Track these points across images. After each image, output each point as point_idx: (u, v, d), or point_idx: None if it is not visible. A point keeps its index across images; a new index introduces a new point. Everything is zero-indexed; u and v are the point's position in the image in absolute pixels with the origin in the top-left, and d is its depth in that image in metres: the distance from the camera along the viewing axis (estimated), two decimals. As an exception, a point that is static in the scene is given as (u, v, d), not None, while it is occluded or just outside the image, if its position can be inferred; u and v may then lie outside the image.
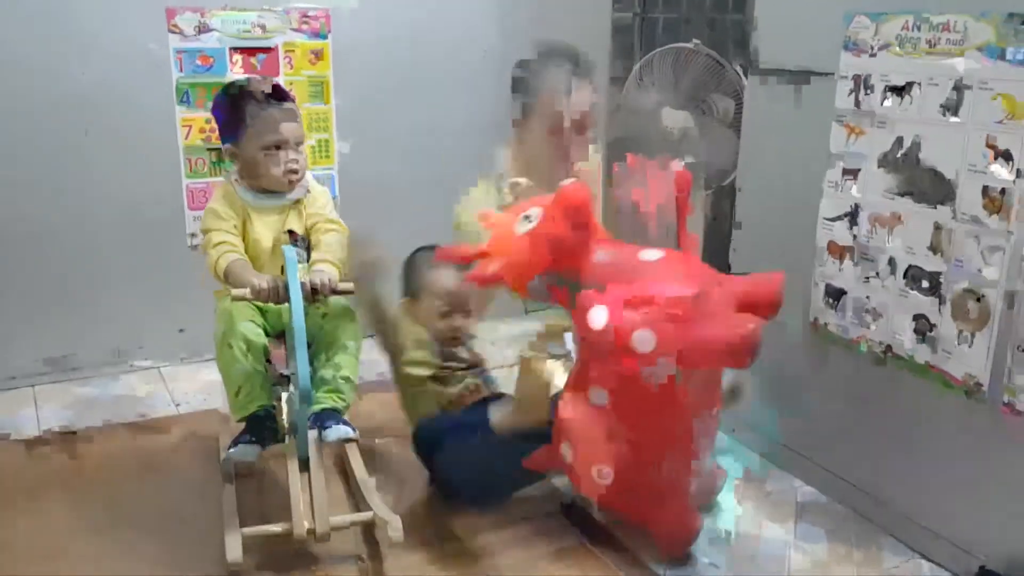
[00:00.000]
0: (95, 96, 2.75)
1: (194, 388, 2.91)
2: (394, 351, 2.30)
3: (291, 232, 2.22)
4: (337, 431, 2.06)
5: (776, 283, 1.91)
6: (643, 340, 1.74)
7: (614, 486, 1.81)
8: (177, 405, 2.81)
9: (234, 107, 2.16)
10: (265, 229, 2.20)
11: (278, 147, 2.14)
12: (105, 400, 2.82)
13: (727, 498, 2.24)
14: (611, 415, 1.84)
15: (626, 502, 1.98)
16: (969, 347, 1.88)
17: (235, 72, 2.85)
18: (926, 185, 1.93)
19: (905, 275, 2.00)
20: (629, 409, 1.85)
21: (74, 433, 2.58)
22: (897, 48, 1.96)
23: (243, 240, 2.18)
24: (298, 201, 2.24)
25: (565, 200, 1.91)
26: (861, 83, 2.05)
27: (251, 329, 2.09)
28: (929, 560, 2.02)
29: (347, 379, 2.18)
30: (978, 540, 1.92)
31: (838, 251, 2.16)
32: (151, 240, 2.95)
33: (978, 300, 1.86)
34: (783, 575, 1.98)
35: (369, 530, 2.08)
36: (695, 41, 2.62)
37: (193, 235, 2.93)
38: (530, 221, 1.97)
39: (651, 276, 1.84)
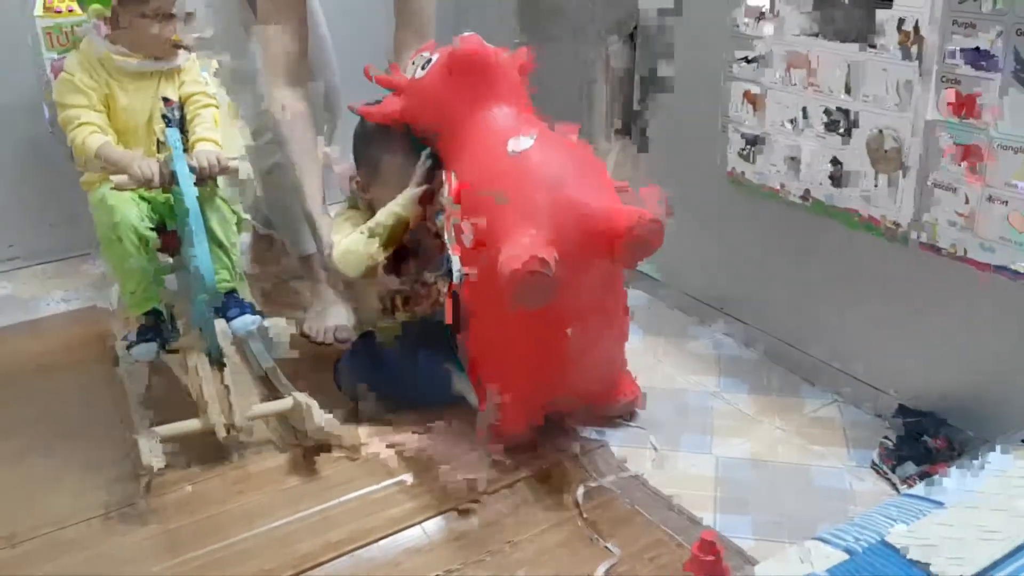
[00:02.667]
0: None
1: (79, 284, 2.73)
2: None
3: (166, 100, 2.02)
4: (244, 322, 1.95)
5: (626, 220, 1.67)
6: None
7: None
8: (67, 303, 2.64)
9: None
10: (138, 96, 2.01)
11: (159, 13, 1.96)
12: (-18, 305, 2.63)
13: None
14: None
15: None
16: (888, 187, 1.86)
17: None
18: (841, 22, 1.86)
19: (822, 118, 1.95)
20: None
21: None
22: None
23: (110, 111, 1.99)
24: (172, 69, 2.05)
25: (453, 54, 1.80)
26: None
27: (139, 219, 1.92)
28: (850, 402, 2.05)
29: (231, 252, 2.04)
30: (897, 381, 1.95)
31: (752, 97, 2.09)
32: (9, 130, 2.70)
33: (894, 139, 1.82)
34: (708, 425, 1.99)
35: (284, 418, 2.00)
36: None
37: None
38: (422, 68, 1.86)
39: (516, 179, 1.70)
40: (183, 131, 1.96)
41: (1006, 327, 1.72)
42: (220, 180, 2.01)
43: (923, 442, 1.80)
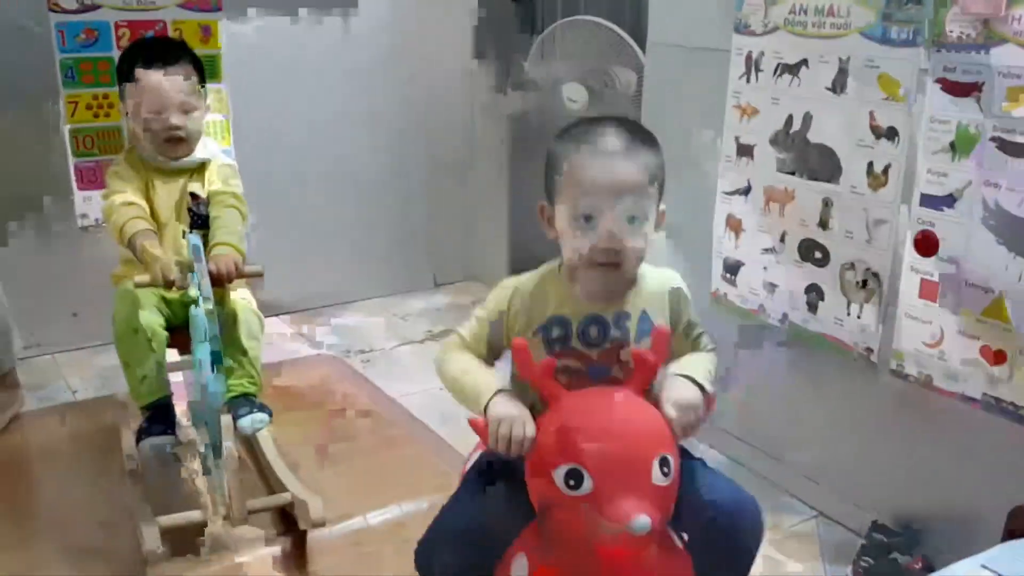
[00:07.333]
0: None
1: (90, 374, 2.83)
2: None
3: (193, 195, 2.16)
4: (252, 420, 2.02)
5: None
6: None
7: None
8: (74, 392, 2.73)
9: (125, 68, 2.12)
10: (166, 195, 2.14)
11: (159, 112, 2.08)
12: (-4, 391, 2.72)
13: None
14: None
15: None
16: (859, 316, 1.98)
17: (122, 47, 2.73)
18: (815, 162, 2.01)
19: (798, 248, 2.08)
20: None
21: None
22: (787, 29, 2.02)
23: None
24: (203, 165, 2.17)
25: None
26: (753, 63, 2.11)
27: (156, 317, 2.03)
28: (827, 517, 2.14)
29: (255, 361, 2.12)
30: (871, 497, 2.04)
31: (735, 225, 2.23)
32: (40, 223, 2.87)
33: (865, 271, 1.95)
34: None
35: (285, 513, 2.07)
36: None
37: (84, 215, 2.83)
38: None
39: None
40: (206, 226, 2.10)
41: (974, 452, 1.82)
42: (247, 292, 2.16)
43: (894, 560, 1.88)
